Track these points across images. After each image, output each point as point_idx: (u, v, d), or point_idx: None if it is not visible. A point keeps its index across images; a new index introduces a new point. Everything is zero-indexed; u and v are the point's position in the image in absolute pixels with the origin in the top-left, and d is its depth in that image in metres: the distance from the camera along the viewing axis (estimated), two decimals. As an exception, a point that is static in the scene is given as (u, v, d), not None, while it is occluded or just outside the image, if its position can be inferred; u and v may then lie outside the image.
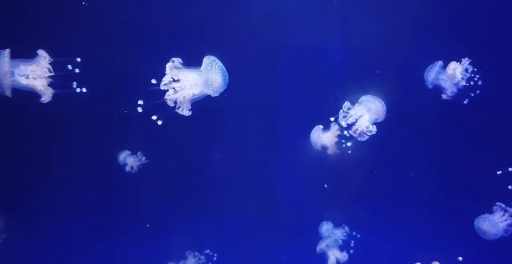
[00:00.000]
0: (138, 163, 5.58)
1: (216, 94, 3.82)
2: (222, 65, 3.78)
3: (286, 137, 5.69)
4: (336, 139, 4.90)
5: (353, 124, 4.54)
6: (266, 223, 5.91)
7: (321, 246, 5.23)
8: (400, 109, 4.95)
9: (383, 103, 4.64)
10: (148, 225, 5.97)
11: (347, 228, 5.37)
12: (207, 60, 3.75)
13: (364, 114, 4.56)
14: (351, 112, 4.60)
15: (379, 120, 4.64)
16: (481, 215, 4.94)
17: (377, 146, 4.78)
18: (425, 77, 4.92)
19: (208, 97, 3.79)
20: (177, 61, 3.59)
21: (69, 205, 5.69)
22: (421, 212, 5.91)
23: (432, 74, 4.84)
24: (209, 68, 3.72)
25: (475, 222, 4.96)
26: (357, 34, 5.37)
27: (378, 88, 4.87)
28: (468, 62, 4.59)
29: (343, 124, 4.60)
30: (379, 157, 5.50)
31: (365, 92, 4.77)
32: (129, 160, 5.56)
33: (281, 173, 5.86)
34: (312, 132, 5.11)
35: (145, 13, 5.36)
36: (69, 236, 5.68)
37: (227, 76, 3.80)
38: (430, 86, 4.90)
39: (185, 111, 3.64)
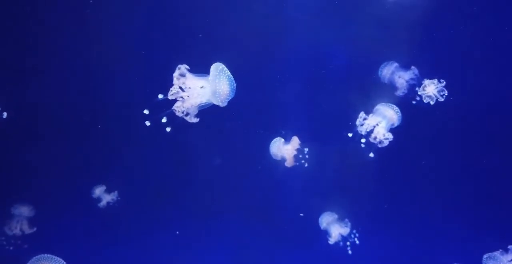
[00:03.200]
0: (109, 199, 5.64)
1: (224, 104, 3.72)
2: (230, 74, 3.68)
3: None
4: (295, 152, 5.03)
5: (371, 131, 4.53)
6: (270, 228, 5.88)
7: (323, 224, 5.29)
8: (411, 111, 4.89)
9: (397, 109, 4.63)
10: (177, 232, 5.97)
11: (349, 224, 5.26)
12: (215, 70, 3.64)
13: (380, 122, 4.50)
14: (367, 122, 4.55)
15: (395, 126, 4.58)
16: (491, 253, 4.64)
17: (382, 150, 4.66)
18: (379, 74, 5.11)
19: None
20: (183, 68, 3.50)
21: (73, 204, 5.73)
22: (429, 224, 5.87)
23: (387, 73, 4.99)
24: (216, 80, 3.61)
25: (483, 260, 4.67)
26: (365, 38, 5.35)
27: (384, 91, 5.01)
28: (444, 84, 4.54)
29: (363, 133, 4.56)
30: (385, 160, 5.40)
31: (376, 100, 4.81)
32: (103, 194, 5.63)
33: (283, 177, 5.74)
34: (271, 144, 5.24)
35: (146, 17, 5.44)
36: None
37: (235, 85, 3.70)
38: (385, 81, 5.09)
39: (192, 118, 3.54)
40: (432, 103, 4.52)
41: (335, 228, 5.20)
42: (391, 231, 5.85)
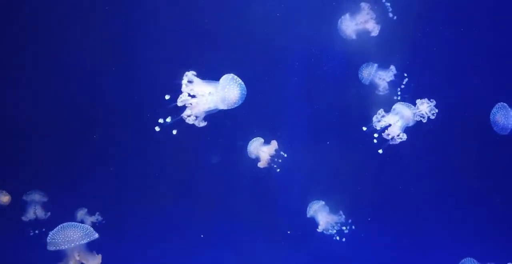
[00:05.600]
0: (93, 220, 5.82)
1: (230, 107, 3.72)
2: (241, 82, 3.63)
3: (290, 144, 5.60)
4: (270, 157, 5.12)
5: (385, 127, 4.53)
6: (271, 228, 6.01)
7: (310, 212, 5.33)
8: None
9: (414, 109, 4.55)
10: (202, 236, 6.09)
11: (343, 217, 5.30)
12: (226, 77, 3.62)
13: (397, 121, 4.46)
14: (385, 119, 4.50)
15: (410, 125, 4.54)
16: None
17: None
18: (359, 75, 5.37)
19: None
20: (190, 74, 3.50)
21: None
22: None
23: (367, 74, 5.21)
24: (226, 88, 3.58)
25: None
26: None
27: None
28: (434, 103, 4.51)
29: (378, 128, 4.52)
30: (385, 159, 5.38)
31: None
32: (86, 217, 5.80)
33: (283, 179, 5.81)
34: (250, 142, 5.32)
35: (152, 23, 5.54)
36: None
37: (245, 93, 3.66)
38: (366, 82, 5.34)
39: (200, 123, 3.55)
40: (424, 121, 4.46)
41: (323, 216, 5.20)
42: (390, 231, 5.93)
